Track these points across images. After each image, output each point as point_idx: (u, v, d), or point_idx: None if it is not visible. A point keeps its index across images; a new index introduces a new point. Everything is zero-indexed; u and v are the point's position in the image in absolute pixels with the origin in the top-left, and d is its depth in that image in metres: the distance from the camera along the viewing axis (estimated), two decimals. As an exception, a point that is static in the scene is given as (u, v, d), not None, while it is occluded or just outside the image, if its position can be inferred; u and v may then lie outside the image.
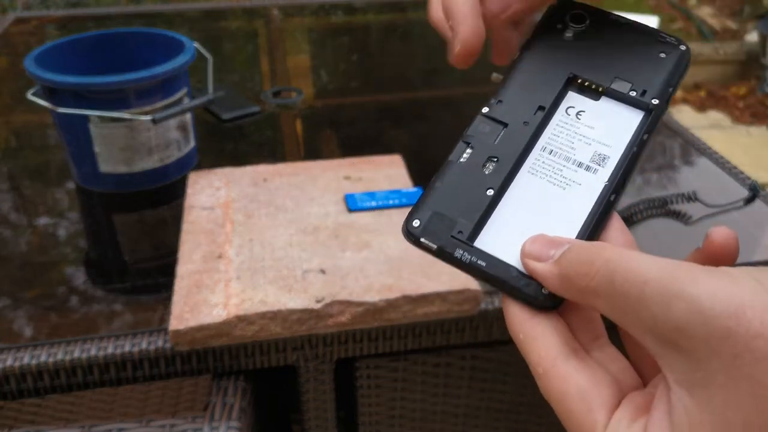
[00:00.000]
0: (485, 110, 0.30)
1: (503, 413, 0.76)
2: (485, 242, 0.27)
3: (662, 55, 0.30)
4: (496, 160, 0.29)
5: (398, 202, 0.75)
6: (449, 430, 0.76)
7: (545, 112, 0.30)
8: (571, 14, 0.32)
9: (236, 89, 1.16)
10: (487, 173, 0.29)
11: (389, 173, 0.81)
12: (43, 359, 0.59)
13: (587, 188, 0.28)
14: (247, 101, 1.09)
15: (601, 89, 0.30)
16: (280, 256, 0.67)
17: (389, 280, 0.64)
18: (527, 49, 0.32)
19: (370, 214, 0.73)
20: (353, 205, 0.74)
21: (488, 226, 0.28)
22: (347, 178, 0.80)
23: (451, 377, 0.72)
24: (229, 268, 0.65)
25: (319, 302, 0.61)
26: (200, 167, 0.88)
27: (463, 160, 0.29)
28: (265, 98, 1.11)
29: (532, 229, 0.27)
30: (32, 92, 0.82)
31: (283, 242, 0.69)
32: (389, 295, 0.62)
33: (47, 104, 0.80)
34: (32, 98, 0.81)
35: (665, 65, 0.30)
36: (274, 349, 0.64)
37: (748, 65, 3.44)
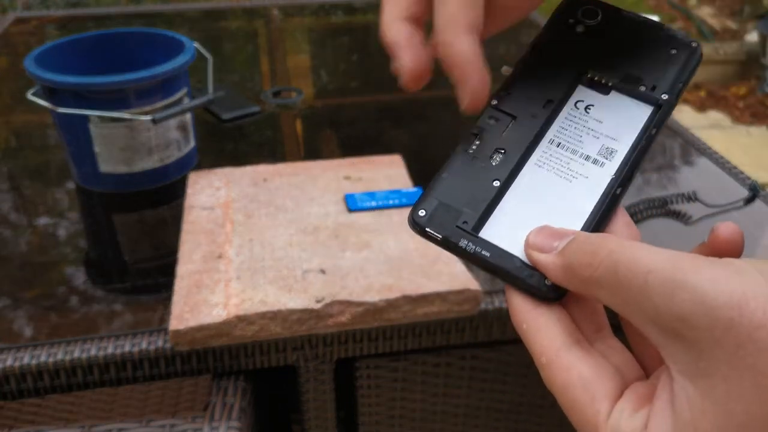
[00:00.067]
0: (494, 102, 0.30)
1: (503, 413, 0.76)
2: (490, 233, 0.27)
3: (673, 51, 0.30)
4: (503, 151, 0.29)
5: (398, 202, 0.75)
6: (449, 430, 0.76)
7: (554, 105, 0.30)
8: (583, 9, 0.32)
9: (236, 89, 1.16)
10: (494, 164, 0.29)
11: (389, 173, 0.81)
12: (43, 359, 0.59)
13: (594, 181, 0.28)
14: (247, 101, 1.09)
15: (610, 84, 0.30)
16: (280, 256, 0.67)
17: (389, 280, 0.64)
18: (538, 42, 0.32)
19: (370, 214, 0.73)
20: (353, 205, 0.74)
21: (493, 217, 0.28)
22: (347, 178, 0.80)
23: (451, 377, 0.72)
24: (229, 268, 0.65)
25: (319, 302, 0.61)
26: (200, 167, 0.88)
27: (470, 151, 0.29)
28: (265, 98, 1.11)
29: (537, 220, 0.27)
30: (32, 92, 0.82)
31: (283, 242, 0.69)
32: (389, 295, 0.62)
33: (47, 104, 0.80)
34: (32, 98, 0.81)
35: (676, 62, 0.30)
36: (274, 349, 0.64)
37: (748, 65, 3.44)
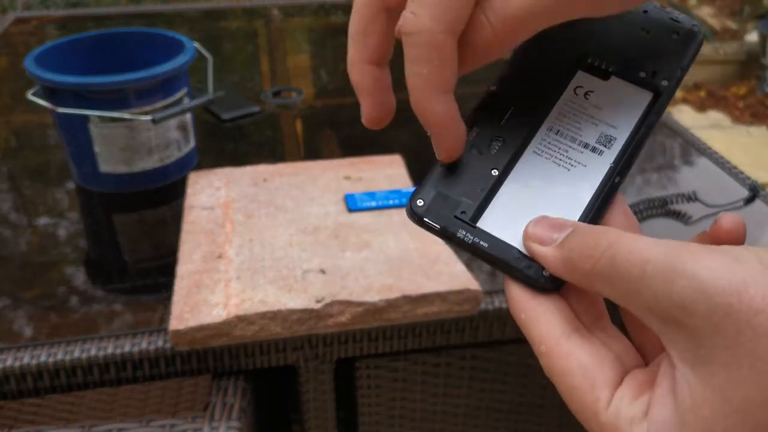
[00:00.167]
0: (493, 89, 0.30)
1: (503, 413, 0.76)
2: (488, 223, 0.27)
3: (674, 36, 0.30)
4: (501, 140, 0.29)
5: (398, 202, 0.75)
6: (449, 430, 0.76)
7: (553, 91, 0.29)
8: None
9: (236, 89, 1.16)
10: (492, 153, 0.28)
11: (389, 173, 0.81)
12: (43, 359, 0.59)
13: (592, 170, 0.28)
14: (247, 101, 1.09)
15: (610, 69, 0.30)
16: (280, 256, 0.67)
17: (389, 280, 0.64)
18: None
19: (370, 214, 0.73)
20: (353, 205, 0.74)
21: (492, 206, 0.28)
22: (347, 178, 0.80)
23: (451, 377, 0.72)
24: (229, 268, 0.65)
25: (319, 302, 0.61)
26: (200, 167, 0.88)
27: (469, 139, 0.29)
28: (265, 98, 1.11)
29: (535, 210, 0.27)
30: (32, 92, 0.82)
31: (283, 242, 0.69)
32: (389, 295, 0.62)
33: (47, 104, 0.80)
34: (32, 98, 0.81)
35: (677, 46, 0.30)
36: (274, 349, 0.64)
37: (748, 65, 3.44)
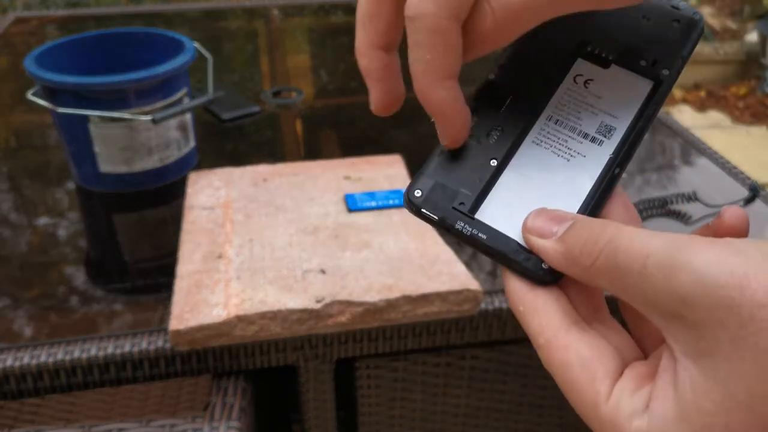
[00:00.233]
0: (491, 77, 0.29)
1: (503, 413, 0.76)
2: (487, 214, 0.27)
3: (675, 24, 0.29)
4: (500, 129, 0.28)
5: (398, 202, 0.75)
6: (449, 430, 0.76)
7: (553, 79, 0.29)
8: None
9: (236, 89, 1.16)
10: (491, 143, 0.28)
11: (389, 173, 0.81)
12: (43, 359, 0.59)
13: (592, 160, 0.28)
14: (247, 101, 1.09)
15: (611, 57, 0.29)
16: (280, 256, 0.67)
17: (389, 280, 0.64)
18: None
19: (370, 214, 0.73)
20: (353, 205, 0.74)
21: (490, 197, 0.27)
22: (347, 178, 0.80)
23: (451, 377, 0.72)
24: (229, 268, 0.65)
25: (319, 302, 0.61)
26: (200, 167, 0.88)
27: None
28: (265, 98, 1.11)
29: (534, 201, 0.27)
30: (32, 92, 0.82)
31: (283, 242, 0.69)
32: (389, 295, 0.62)
33: (47, 104, 0.80)
34: (32, 98, 0.81)
35: (677, 34, 0.29)
36: (274, 349, 0.64)
37: (748, 65, 3.44)
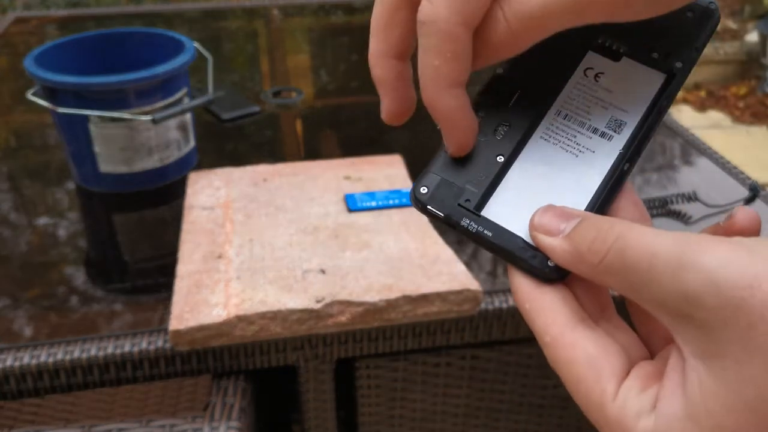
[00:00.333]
0: (499, 71, 0.28)
1: (503, 413, 0.76)
2: (493, 211, 0.26)
3: (689, 14, 0.28)
4: (508, 124, 0.27)
5: (398, 202, 0.75)
6: (449, 430, 0.76)
7: (562, 73, 0.28)
8: None
9: (236, 89, 1.16)
10: (498, 139, 0.27)
11: (389, 173, 0.81)
12: (43, 359, 0.59)
13: (601, 156, 0.27)
14: (247, 101, 1.09)
15: (622, 50, 0.28)
16: (280, 256, 0.67)
17: (389, 280, 0.64)
18: None
19: (370, 214, 0.73)
20: (353, 205, 0.74)
21: (497, 194, 0.27)
22: (347, 178, 0.80)
23: (451, 377, 0.72)
24: (229, 268, 0.65)
25: (319, 302, 0.61)
26: (200, 167, 0.88)
27: None
28: (265, 98, 1.11)
29: (541, 198, 0.26)
30: (32, 92, 0.82)
31: (283, 242, 0.69)
32: (389, 295, 0.62)
33: (47, 104, 0.80)
34: (32, 98, 0.81)
35: (691, 26, 0.28)
36: (274, 349, 0.64)
37: (748, 65, 3.44)
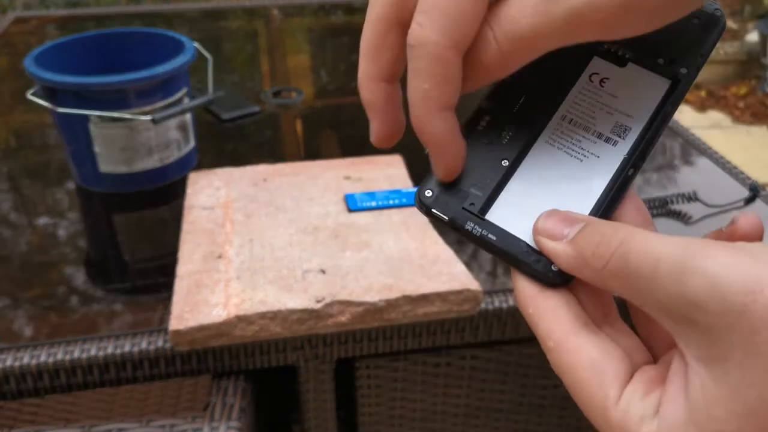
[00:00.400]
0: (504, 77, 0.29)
1: (503, 413, 0.76)
2: (497, 215, 0.27)
3: (695, 21, 0.28)
4: (513, 129, 0.28)
5: (398, 202, 0.75)
6: (449, 430, 0.76)
7: (568, 78, 0.28)
8: None
9: (236, 89, 1.16)
10: (503, 143, 0.27)
11: (389, 173, 0.81)
12: (42, 359, 0.59)
13: (605, 161, 0.27)
14: (247, 101, 1.09)
15: (627, 55, 0.28)
16: (280, 256, 0.67)
17: (389, 280, 0.64)
18: None
19: (370, 214, 0.73)
20: (353, 205, 0.74)
21: (501, 198, 0.27)
22: (347, 178, 0.80)
23: (451, 377, 0.72)
24: (229, 268, 0.65)
25: (319, 302, 0.61)
26: (200, 167, 0.88)
27: (479, 128, 0.28)
28: (265, 98, 1.11)
29: (545, 202, 0.26)
30: (32, 92, 0.82)
31: (283, 242, 0.69)
32: (389, 295, 0.62)
33: (47, 104, 0.80)
34: (32, 98, 0.81)
35: (697, 32, 0.28)
36: (274, 349, 0.64)
37: (748, 65, 3.44)
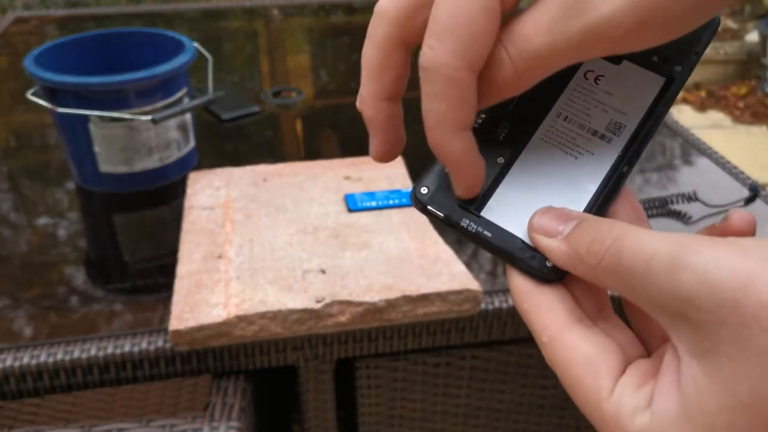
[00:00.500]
0: None
1: (503, 413, 0.76)
2: (492, 212, 0.27)
3: None
4: (508, 126, 0.28)
5: (398, 202, 0.75)
6: (449, 430, 0.76)
7: (563, 75, 0.28)
8: None
9: (236, 89, 1.16)
10: (498, 140, 0.28)
11: (389, 173, 0.81)
12: (42, 359, 0.59)
13: (600, 158, 0.27)
14: (247, 101, 1.09)
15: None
16: (280, 256, 0.67)
17: (389, 280, 0.64)
18: None
19: (370, 214, 0.73)
20: (353, 205, 0.74)
21: (497, 195, 0.27)
22: (347, 178, 0.80)
23: (451, 377, 0.72)
24: (229, 268, 0.65)
25: (319, 302, 0.61)
26: (200, 167, 0.88)
27: (475, 126, 0.28)
28: (265, 98, 1.11)
29: (540, 199, 0.27)
30: (32, 92, 0.82)
31: (283, 242, 0.69)
32: (389, 295, 0.62)
33: (47, 104, 0.80)
34: (32, 98, 0.81)
35: (692, 31, 0.28)
36: (274, 349, 0.64)
37: (748, 65, 3.44)
